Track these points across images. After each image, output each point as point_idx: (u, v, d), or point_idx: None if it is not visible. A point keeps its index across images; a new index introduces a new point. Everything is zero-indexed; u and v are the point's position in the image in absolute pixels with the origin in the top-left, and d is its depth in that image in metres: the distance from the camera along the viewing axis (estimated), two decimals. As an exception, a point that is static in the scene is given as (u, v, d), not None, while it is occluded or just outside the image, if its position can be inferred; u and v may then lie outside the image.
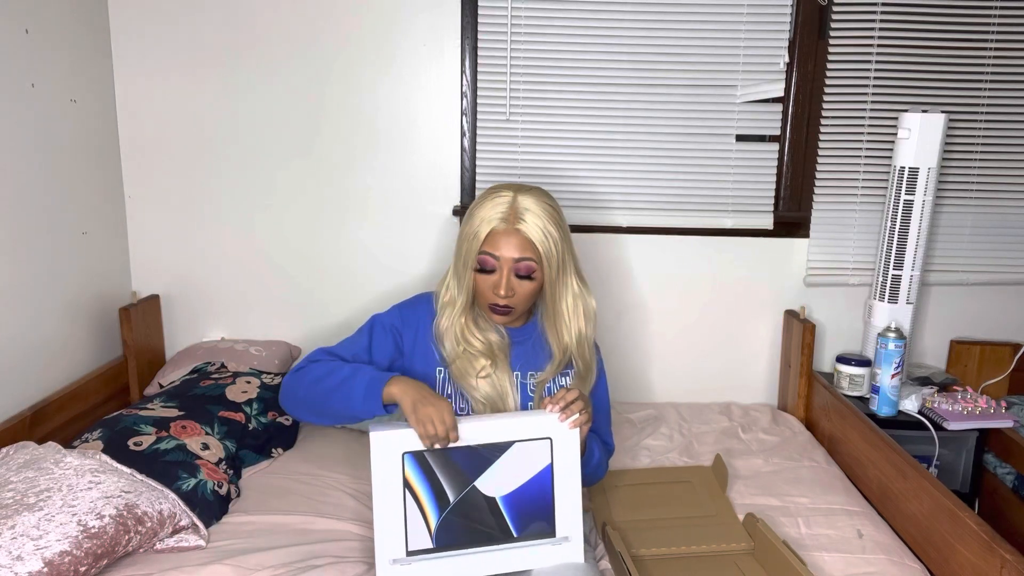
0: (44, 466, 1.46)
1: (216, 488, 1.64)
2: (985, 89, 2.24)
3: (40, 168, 1.90)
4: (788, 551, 1.46)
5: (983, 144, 2.27)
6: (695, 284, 2.36)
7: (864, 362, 2.15)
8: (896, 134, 2.09)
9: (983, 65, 2.22)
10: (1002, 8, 2.18)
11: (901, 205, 2.10)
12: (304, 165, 2.27)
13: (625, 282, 2.35)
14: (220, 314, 2.36)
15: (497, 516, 1.36)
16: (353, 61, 2.22)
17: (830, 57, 2.21)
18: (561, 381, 1.55)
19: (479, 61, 2.22)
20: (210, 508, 1.60)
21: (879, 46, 2.21)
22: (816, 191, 2.29)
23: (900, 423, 2.03)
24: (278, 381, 2.05)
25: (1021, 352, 2.34)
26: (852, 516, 1.72)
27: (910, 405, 2.06)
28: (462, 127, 2.26)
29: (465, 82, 2.24)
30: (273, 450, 1.92)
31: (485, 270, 1.44)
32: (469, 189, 2.30)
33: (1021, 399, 2.22)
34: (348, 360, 1.50)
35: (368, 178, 2.28)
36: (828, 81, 2.23)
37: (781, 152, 2.29)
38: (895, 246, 2.12)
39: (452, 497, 1.35)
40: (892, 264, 2.13)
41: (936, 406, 2.06)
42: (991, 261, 2.34)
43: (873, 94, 2.24)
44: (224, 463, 1.74)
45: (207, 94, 2.22)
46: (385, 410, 1.39)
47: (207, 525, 1.56)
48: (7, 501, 1.35)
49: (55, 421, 1.85)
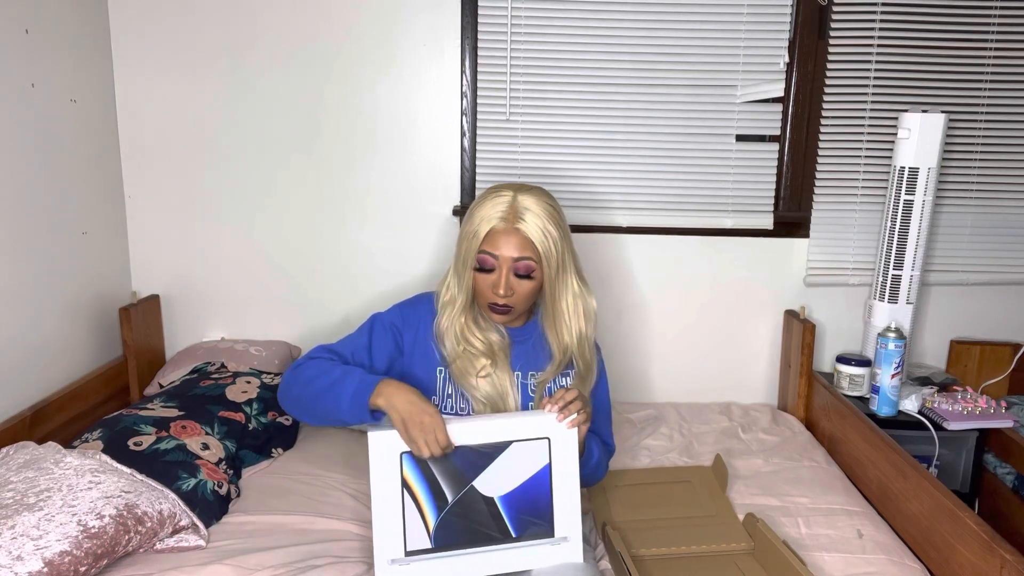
0: (44, 466, 1.46)
1: (216, 488, 1.64)
2: (985, 89, 2.23)
3: (40, 168, 1.90)
4: (788, 551, 1.46)
5: (983, 144, 2.27)
6: (695, 284, 2.36)
7: (864, 362, 2.15)
8: (896, 134, 2.10)
9: (983, 65, 2.22)
10: (1002, 8, 2.18)
11: (901, 205, 2.10)
12: (304, 165, 2.28)
13: (625, 282, 2.35)
14: (220, 314, 2.36)
15: (496, 516, 1.36)
16: (353, 61, 2.22)
17: (830, 57, 2.21)
18: (562, 381, 1.55)
19: (479, 61, 2.22)
20: (210, 508, 1.60)
21: (879, 46, 2.20)
22: (816, 191, 2.29)
23: (900, 423, 2.03)
24: (278, 381, 2.05)
25: (1021, 352, 2.34)
26: (852, 516, 1.72)
27: (910, 405, 2.06)
28: (462, 127, 2.26)
29: (465, 82, 2.24)
30: (273, 450, 1.92)
31: (484, 269, 1.44)
32: (469, 189, 2.30)
33: (1021, 399, 2.22)
34: (347, 358, 1.50)
35: (368, 178, 2.29)
36: (828, 81, 2.23)
37: (781, 152, 2.29)
38: (895, 246, 2.12)
39: (450, 497, 1.35)
40: (892, 264, 2.13)
41: (936, 406, 2.06)
42: (991, 261, 2.34)
43: (873, 94, 2.24)
44: (224, 463, 1.74)
45: (207, 94, 2.22)
46: (372, 417, 1.37)
47: (207, 525, 1.56)
48: (7, 501, 1.35)
49: (55, 421, 1.85)
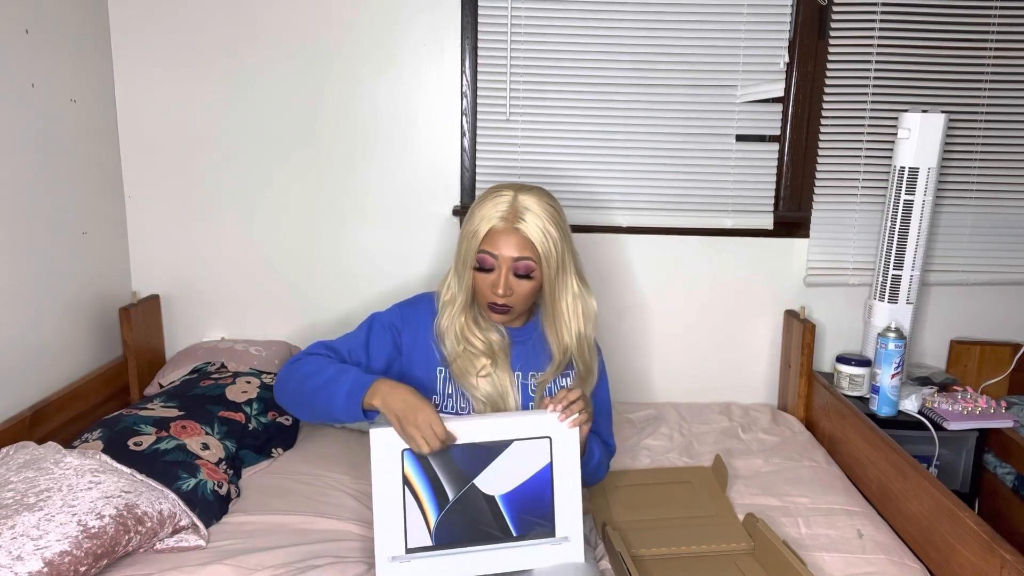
0: (44, 466, 1.46)
1: (216, 488, 1.64)
2: (985, 89, 2.23)
3: (40, 168, 1.90)
4: (788, 551, 1.46)
5: (983, 144, 2.27)
6: (695, 284, 2.36)
7: (864, 362, 2.15)
8: (896, 134, 2.10)
9: (983, 65, 2.22)
10: (1002, 8, 2.18)
11: (901, 205, 2.10)
12: (304, 165, 2.28)
13: (625, 282, 2.35)
14: (220, 314, 2.36)
15: (496, 515, 1.36)
16: (353, 61, 2.22)
17: (830, 57, 2.21)
18: (562, 382, 1.55)
19: (479, 61, 2.22)
20: (210, 508, 1.60)
21: (879, 46, 2.20)
22: (816, 191, 2.29)
23: (900, 423, 2.03)
24: (278, 381, 2.05)
25: (1021, 352, 2.34)
26: (852, 516, 1.72)
27: (910, 405, 2.06)
28: (462, 127, 2.26)
29: (465, 82, 2.24)
30: (273, 450, 1.92)
31: (484, 269, 1.44)
32: (469, 189, 2.30)
33: (1021, 399, 2.22)
34: (344, 356, 1.50)
35: (368, 178, 2.29)
36: (828, 81, 2.23)
37: (781, 152, 2.29)
38: (895, 246, 2.12)
39: (451, 495, 1.35)
40: (892, 264, 2.13)
41: (936, 406, 2.06)
42: (991, 261, 2.34)
43: (873, 94, 2.24)
44: (224, 463, 1.74)
45: (207, 94, 2.22)
46: (366, 416, 1.37)
47: (207, 525, 1.56)
48: (7, 501, 1.35)
49: (55, 421, 1.85)
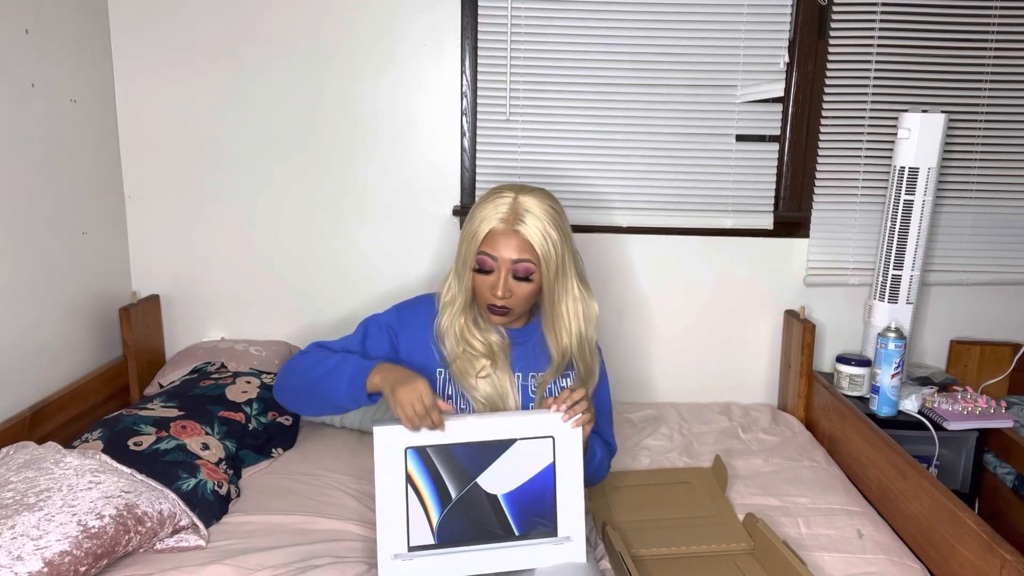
0: (44, 466, 1.46)
1: (216, 488, 1.64)
2: (985, 89, 2.24)
3: (40, 168, 1.90)
4: (788, 551, 1.46)
5: (983, 144, 2.27)
6: (695, 284, 2.36)
7: (864, 362, 2.15)
8: (896, 134, 2.10)
9: (983, 65, 2.22)
10: (1002, 8, 2.18)
11: (901, 205, 2.10)
12: (304, 165, 2.27)
13: (625, 282, 2.35)
14: (220, 314, 2.36)
15: (499, 514, 1.36)
16: (353, 61, 2.22)
17: (830, 57, 2.21)
18: (562, 383, 1.55)
19: (479, 61, 2.22)
20: (210, 508, 1.60)
21: (879, 46, 2.21)
22: (816, 191, 2.29)
23: (900, 423, 2.03)
24: (278, 381, 2.05)
25: (1021, 352, 2.34)
26: (852, 516, 1.72)
27: (910, 405, 2.06)
28: (462, 127, 2.26)
29: (465, 82, 2.24)
30: (273, 450, 1.92)
31: (483, 270, 1.44)
32: (469, 189, 2.30)
33: (1021, 399, 2.22)
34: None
35: (368, 178, 2.28)
36: (828, 81, 2.23)
37: (781, 152, 2.29)
38: (895, 246, 2.12)
39: (454, 493, 1.35)
40: (892, 264, 2.13)
41: (936, 406, 2.06)
42: (991, 261, 2.34)
43: (873, 94, 2.24)
44: (224, 463, 1.74)
45: (207, 94, 2.22)
46: (369, 399, 1.40)
47: (207, 525, 1.56)
48: (7, 501, 1.35)
49: (55, 421, 1.85)
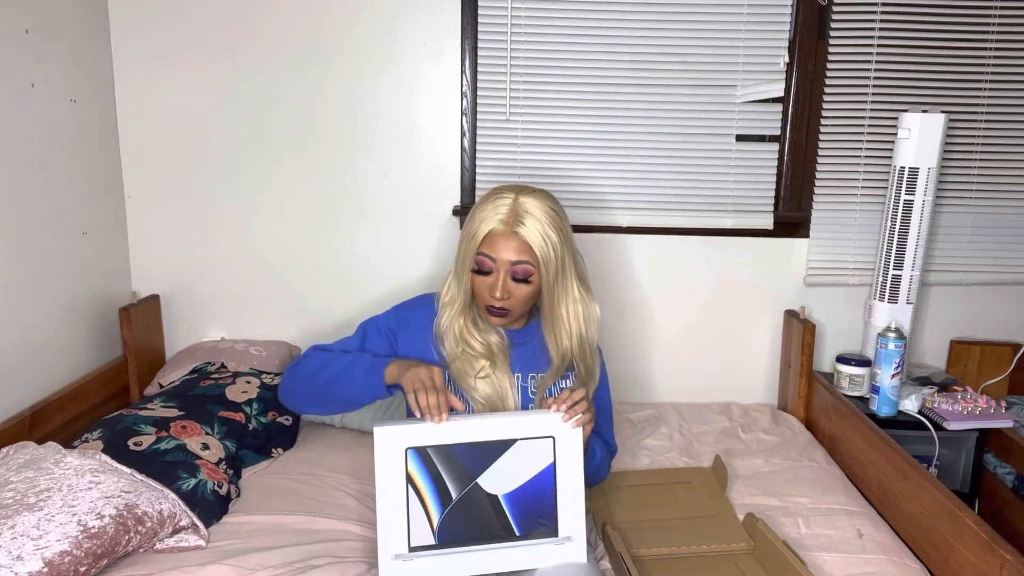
0: (44, 466, 1.46)
1: (216, 488, 1.64)
2: (985, 89, 2.23)
3: (40, 168, 1.90)
4: (788, 551, 1.46)
5: (983, 144, 2.27)
6: (695, 284, 2.36)
7: (864, 362, 2.15)
8: (896, 134, 2.10)
9: (983, 65, 2.22)
10: (1002, 8, 2.18)
11: (901, 205, 2.10)
12: (304, 165, 2.27)
13: (625, 282, 2.35)
14: (220, 314, 2.36)
15: (500, 514, 1.36)
16: (353, 61, 2.22)
17: (830, 57, 2.21)
18: (562, 384, 1.55)
19: (479, 61, 2.22)
20: (210, 508, 1.60)
21: (879, 46, 2.20)
22: (816, 191, 2.29)
23: (900, 423, 2.03)
24: (278, 381, 2.05)
25: (1021, 352, 2.34)
26: (852, 516, 1.72)
27: (910, 405, 2.06)
28: (462, 127, 2.26)
29: (465, 82, 2.24)
30: (273, 450, 1.92)
31: (482, 271, 1.44)
32: (469, 189, 2.30)
33: (1021, 399, 2.22)
34: None
35: (368, 178, 2.28)
36: (828, 81, 2.23)
37: (781, 152, 2.29)
38: (895, 246, 2.12)
39: (455, 494, 1.35)
40: (892, 264, 2.13)
41: (936, 406, 2.06)
42: (991, 261, 2.34)
43: (873, 94, 2.24)
44: (224, 463, 1.74)
45: (207, 94, 2.22)
46: (388, 391, 1.42)
47: (207, 525, 1.56)
48: (7, 501, 1.35)
49: (55, 421, 1.85)
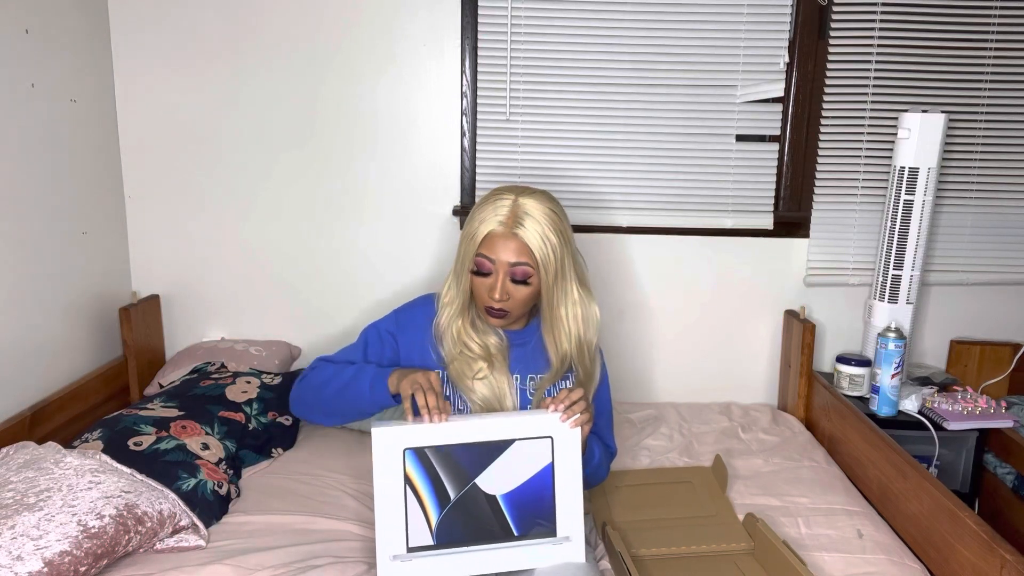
0: (44, 466, 1.46)
1: (216, 488, 1.64)
2: (985, 89, 2.23)
3: (40, 168, 1.90)
4: (788, 551, 1.46)
5: (983, 144, 2.27)
6: (695, 284, 2.36)
7: (864, 362, 2.15)
8: (896, 134, 2.10)
9: (983, 65, 2.22)
10: (1002, 8, 2.18)
11: (901, 205, 2.10)
12: (304, 165, 2.27)
13: (625, 282, 2.35)
14: (220, 314, 2.36)
15: (498, 514, 1.36)
16: (353, 61, 2.22)
17: (830, 57, 2.21)
18: (561, 386, 1.55)
19: (479, 61, 2.22)
20: (210, 508, 1.60)
21: (879, 46, 2.20)
22: (816, 191, 2.29)
23: (900, 423, 2.03)
24: (278, 381, 2.06)
25: (1021, 352, 2.33)
26: (852, 516, 1.72)
27: (910, 405, 2.06)
28: (462, 127, 2.26)
29: (465, 82, 2.24)
30: (273, 450, 1.92)
31: (481, 273, 1.44)
32: (469, 189, 2.30)
33: (1021, 399, 2.22)
34: None
35: (368, 178, 2.28)
36: (828, 81, 2.23)
37: (781, 152, 2.29)
38: (895, 246, 2.12)
39: (453, 494, 1.35)
40: (892, 264, 2.13)
41: (936, 406, 2.06)
42: (991, 261, 2.34)
43: (873, 94, 2.24)
44: (224, 463, 1.74)
45: (207, 94, 2.22)
46: (393, 400, 1.43)
47: (207, 525, 1.56)
48: (7, 501, 1.35)
49: (55, 421, 1.85)
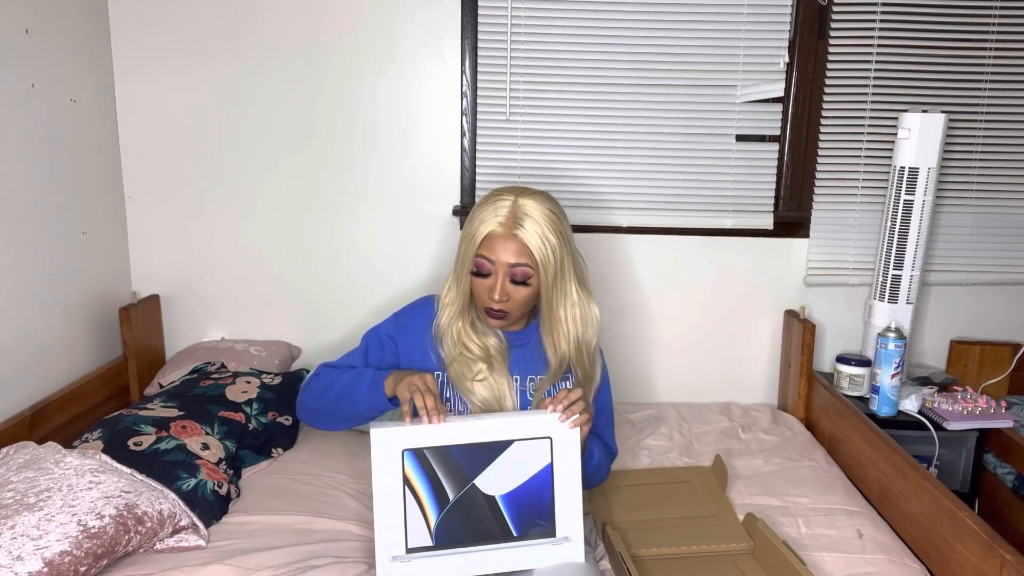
0: (44, 466, 1.46)
1: (216, 488, 1.64)
2: (985, 89, 2.23)
3: (40, 168, 1.90)
4: (788, 551, 1.46)
5: (983, 144, 2.27)
6: (695, 284, 2.36)
7: (864, 362, 2.15)
8: (896, 134, 2.10)
9: (983, 65, 2.22)
10: (1002, 8, 2.18)
11: (901, 205, 2.10)
12: (304, 165, 2.27)
13: (625, 282, 2.35)
14: (220, 314, 2.36)
15: (497, 515, 1.36)
16: (353, 61, 2.22)
17: (830, 57, 2.21)
18: (560, 386, 1.54)
19: (479, 61, 2.22)
20: (210, 508, 1.60)
21: (879, 46, 2.20)
22: (816, 191, 2.29)
23: (900, 423, 2.03)
24: (278, 381, 2.06)
25: (1021, 352, 2.33)
26: (852, 516, 1.72)
27: (910, 405, 2.06)
28: (462, 127, 2.26)
29: (465, 82, 2.24)
30: (273, 450, 1.92)
31: (481, 273, 1.43)
32: (469, 189, 2.30)
33: (1021, 399, 2.22)
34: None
35: (368, 178, 2.28)
36: (828, 81, 2.23)
37: (781, 152, 2.29)
38: (895, 246, 2.12)
39: (452, 495, 1.35)
40: (892, 264, 2.13)
41: (936, 406, 2.06)
42: (991, 261, 2.34)
43: (873, 94, 2.24)
44: (224, 463, 1.74)
45: (207, 94, 2.22)
46: (391, 403, 1.43)
47: (207, 525, 1.56)
48: (7, 501, 1.35)
49: (55, 421, 1.85)
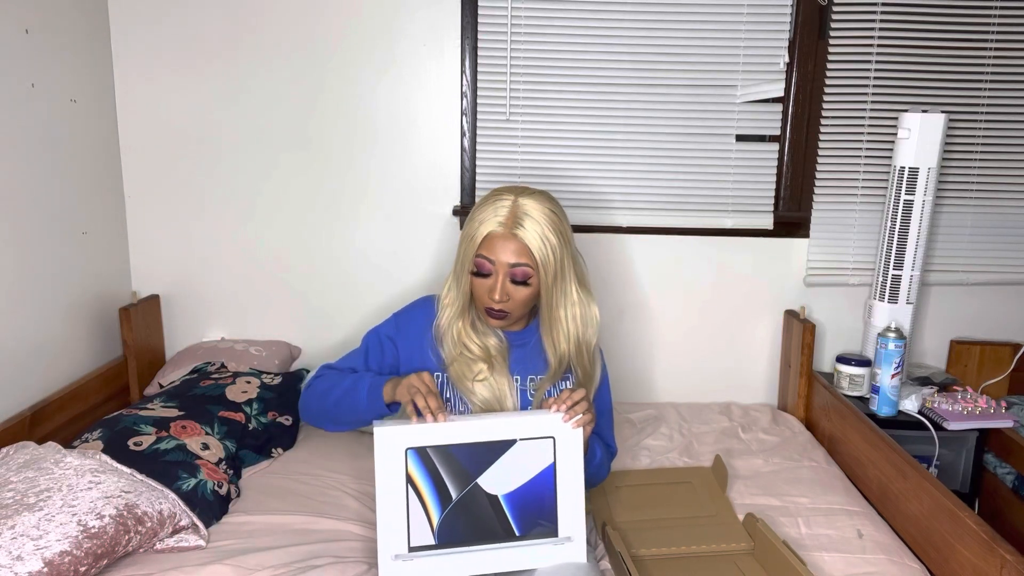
0: (44, 466, 1.46)
1: (216, 488, 1.64)
2: (985, 89, 2.23)
3: (40, 168, 1.90)
4: (788, 551, 1.46)
5: (983, 144, 2.27)
6: (695, 284, 2.36)
7: (864, 362, 2.15)
8: (896, 134, 2.10)
9: (983, 65, 2.22)
10: (1002, 8, 2.18)
11: (901, 205, 2.10)
12: (304, 165, 2.27)
13: (625, 282, 2.35)
14: (220, 314, 2.36)
15: (499, 514, 1.37)
16: (353, 61, 2.22)
17: (830, 57, 2.21)
18: (561, 386, 1.55)
19: (479, 61, 2.22)
20: (210, 508, 1.60)
21: (879, 46, 2.20)
22: (816, 191, 2.29)
23: (900, 423, 2.03)
24: (278, 381, 2.06)
25: (1021, 352, 2.34)
26: (852, 516, 1.72)
27: (910, 405, 2.06)
28: (462, 127, 2.26)
29: (465, 82, 2.24)
30: (273, 450, 1.92)
31: (481, 273, 1.44)
32: (469, 189, 2.30)
33: (1021, 399, 2.22)
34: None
35: (368, 178, 2.28)
36: (828, 81, 2.23)
37: (781, 152, 2.29)
38: (895, 246, 2.12)
39: (455, 494, 1.35)
40: (892, 264, 2.13)
41: (936, 406, 2.06)
42: (991, 261, 2.34)
43: (873, 94, 2.24)
44: (224, 463, 1.74)
45: (207, 94, 2.22)
46: (388, 409, 1.44)
47: (207, 525, 1.56)
48: (7, 501, 1.35)
49: (55, 421, 1.85)
